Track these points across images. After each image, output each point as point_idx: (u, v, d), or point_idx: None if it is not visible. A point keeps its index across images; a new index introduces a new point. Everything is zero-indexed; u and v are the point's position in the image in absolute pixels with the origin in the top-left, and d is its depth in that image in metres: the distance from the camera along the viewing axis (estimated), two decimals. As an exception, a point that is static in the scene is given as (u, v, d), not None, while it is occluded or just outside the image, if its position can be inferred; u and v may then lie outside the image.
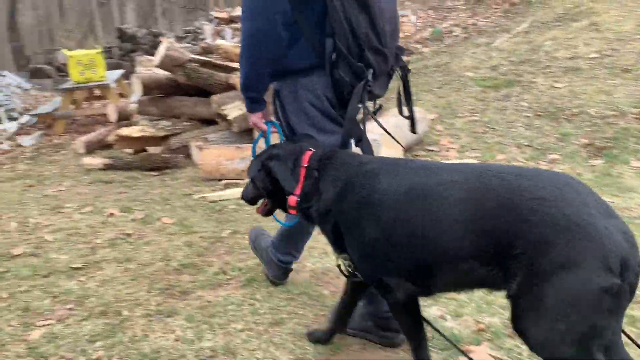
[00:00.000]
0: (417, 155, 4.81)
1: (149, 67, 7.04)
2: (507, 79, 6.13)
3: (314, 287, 2.56)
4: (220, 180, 4.69)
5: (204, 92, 6.12)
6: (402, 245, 1.59)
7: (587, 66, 5.83)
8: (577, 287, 1.29)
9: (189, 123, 6.22)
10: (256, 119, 2.13)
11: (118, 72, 9.01)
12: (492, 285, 1.50)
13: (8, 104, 9.39)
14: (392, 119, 3.24)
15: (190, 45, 9.48)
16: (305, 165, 1.83)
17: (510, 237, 1.37)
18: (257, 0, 1.86)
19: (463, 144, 5.05)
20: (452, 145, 4.93)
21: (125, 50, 13.52)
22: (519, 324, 1.40)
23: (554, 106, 5.29)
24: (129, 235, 3.31)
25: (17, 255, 3.04)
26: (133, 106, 6.85)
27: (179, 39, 12.29)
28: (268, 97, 2.09)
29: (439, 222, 1.50)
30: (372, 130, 2.71)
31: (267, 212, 2.05)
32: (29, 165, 6.07)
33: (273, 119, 2.19)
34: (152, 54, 13.07)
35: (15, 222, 3.66)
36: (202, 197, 4.12)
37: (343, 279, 2.03)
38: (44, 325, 2.28)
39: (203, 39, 11.54)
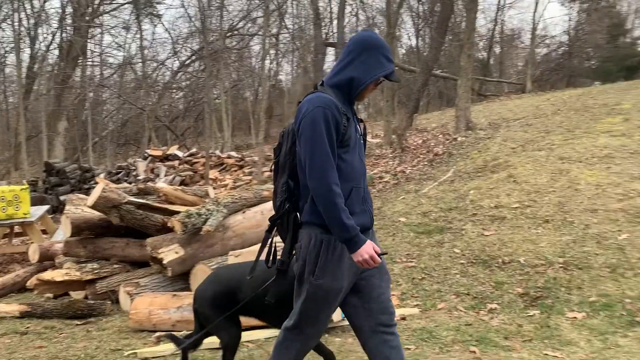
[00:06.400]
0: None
1: (79, 206, 6.79)
2: (439, 226, 6.39)
3: None
4: (152, 331, 4.35)
5: (136, 232, 5.92)
6: None
7: (511, 215, 6.21)
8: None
9: (118, 265, 5.91)
10: None
11: (43, 209, 8.61)
12: None
13: None
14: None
15: (126, 184, 9.35)
16: None
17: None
18: None
19: (403, 290, 5.09)
20: (394, 292, 4.93)
21: (51, 183, 13.08)
22: None
23: (486, 254, 5.51)
24: (49, 404, 2.91)
25: None
26: (58, 246, 6.47)
27: (111, 174, 12.14)
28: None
29: None
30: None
31: None
32: None
33: None
34: (80, 188, 12.80)
35: None
36: (133, 353, 3.77)
37: None
38: None
39: (136, 176, 11.48)
